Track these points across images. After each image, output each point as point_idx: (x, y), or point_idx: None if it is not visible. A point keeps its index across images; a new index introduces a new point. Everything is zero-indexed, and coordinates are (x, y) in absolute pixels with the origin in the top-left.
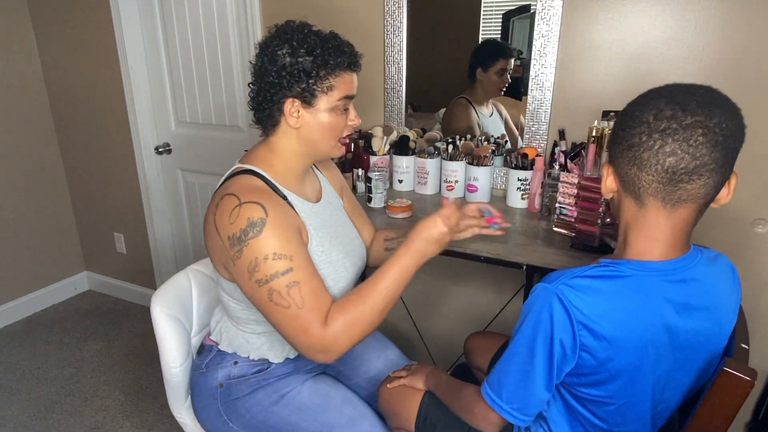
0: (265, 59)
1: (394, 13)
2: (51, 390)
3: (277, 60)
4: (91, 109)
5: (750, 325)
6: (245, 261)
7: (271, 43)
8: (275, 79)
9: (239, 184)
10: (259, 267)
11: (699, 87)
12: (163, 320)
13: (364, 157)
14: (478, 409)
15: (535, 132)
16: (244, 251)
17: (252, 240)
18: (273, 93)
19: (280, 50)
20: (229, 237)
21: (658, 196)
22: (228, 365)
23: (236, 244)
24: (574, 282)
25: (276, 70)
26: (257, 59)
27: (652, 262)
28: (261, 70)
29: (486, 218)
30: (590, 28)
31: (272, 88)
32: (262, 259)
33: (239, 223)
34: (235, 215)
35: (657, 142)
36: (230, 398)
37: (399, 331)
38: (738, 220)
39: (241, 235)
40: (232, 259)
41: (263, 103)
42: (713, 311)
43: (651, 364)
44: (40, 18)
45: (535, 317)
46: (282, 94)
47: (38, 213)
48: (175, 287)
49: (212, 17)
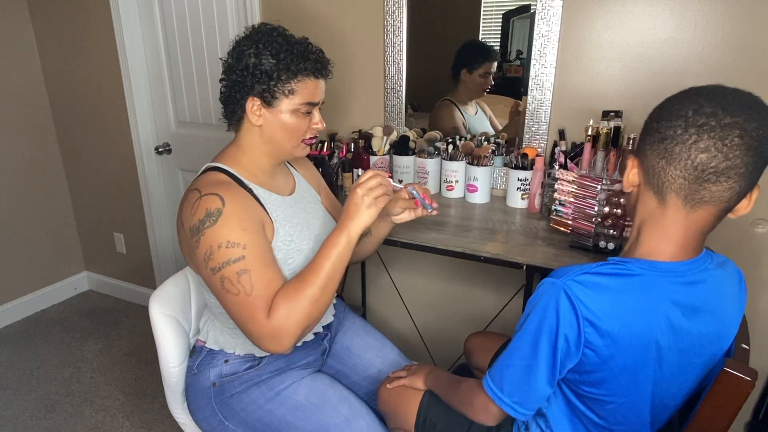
0: (233, 57)
1: (394, 13)
2: (51, 390)
3: (243, 59)
4: (91, 109)
5: (750, 325)
6: (202, 250)
7: (241, 42)
8: (239, 77)
9: (204, 180)
10: (213, 255)
11: (741, 91)
12: (162, 321)
13: (364, 157)
14: (477, 400)
15: (535, 132)
16: (201, 240)
17: (208, 229)
18: (236, 90)
19: (247, 50)
20: (189, 228)
21: (680, 194)
22: (219, 364)
23: (195, 234)
24: (582, 278)
25: (240, 68)
26: (228, 56)
27: (661, 263)
28: (228, 67)
29: (415, 200)
30: (590, 28)
31: (236, 85)
32: (216, 247)
33: (198, 213)
34: (195, 207)
35: (692, 136)
36: (224, 396)
37: (399, 331)
38: (738, 220)
39: (199, 225)
40: (192, 249)
41: (229, 99)
42: (719, 315)
43: (653, 364)
44: (40, 18)
45: (541, 311)
46: (244, 92)
47: (38, 213)
48: (173, 288)
49: (212, 17)
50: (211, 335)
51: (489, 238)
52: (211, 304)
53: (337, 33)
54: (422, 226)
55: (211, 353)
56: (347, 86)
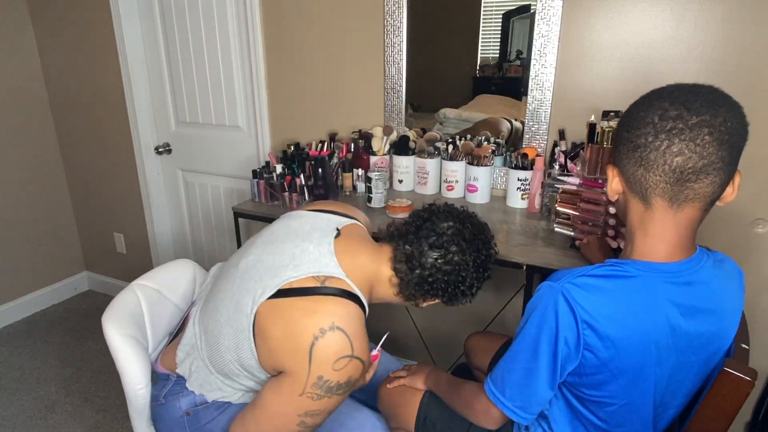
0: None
1: (394, 13)
2: (51, 390)
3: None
4: (91, 109)
5: (750, 325)
6: (314, 404)
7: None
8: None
9: (352, 325)
10: (311, 411)
11: (701, 86)
12: (120, 342)
13: (364, 157)
14: (478, 404)
15: (535, 132)
16: (324, 400)
17: (336, 396)
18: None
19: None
20: (320, 377)
21: (665, 197)
22: (190, 393)
23: (323, 390)
24: (580, 281)
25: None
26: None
27: (658, 264)
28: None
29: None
30: (590, 28)
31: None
32: (324, 411)
33: (341, 376)
34: (342, 365)
35: (663, 142)
36: (200, 424)
37: (399, 331)
38: (738, 220)
39: (335, 387)
40: (305, 391)
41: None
42: (719, 314)
43: (653, 365)
44: (40, 18)
45: (540, 315)
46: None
47: (38, 213)
48: (125, 305)
49: (212, 17)
50: (196, 378)
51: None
52: (230, 370)
53: (337, 33)
54: None
55: (179, 382)
56: (347, 86)
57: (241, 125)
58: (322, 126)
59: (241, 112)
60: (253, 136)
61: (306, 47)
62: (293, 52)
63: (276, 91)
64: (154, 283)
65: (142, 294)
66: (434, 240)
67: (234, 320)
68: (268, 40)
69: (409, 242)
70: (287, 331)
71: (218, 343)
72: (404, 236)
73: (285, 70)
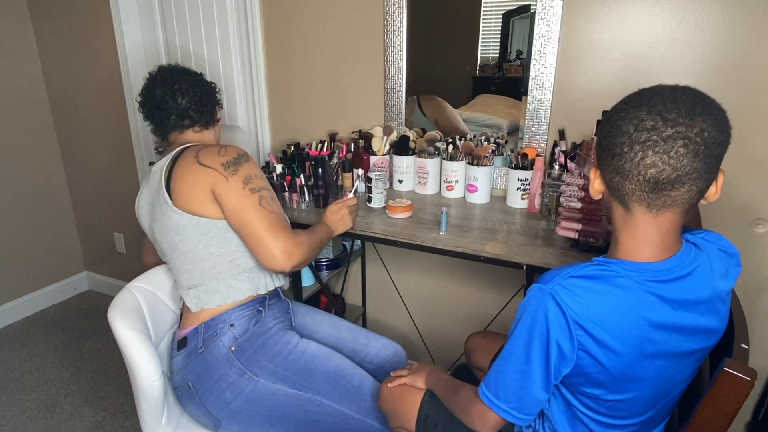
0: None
1: (394, 13)
2: (51, 390)
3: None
4: (91, 109)
5: (750, 325)
6: (241, 176)
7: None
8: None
9: (205, 145)
10: (252, 180)
11: (681, 92)
12: (130, 334)
13: (364, 157)
14: (474, 410)
15: (535, 132)
16: (240, 170)
17: (244, 163)
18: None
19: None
20: (222, 163)
21: (642, 203)
22: (226, 330)
23: (231, 166)
24: (569, 282)
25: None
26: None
27: (644, 263)
28: None
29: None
30: (590, 28)
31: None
32: (253, 175)
33: (230, 154)
34: (223, 152)
35: (638, 154)
36: (248, 354)
37: (399, 331)
38: (738, 220)
39: (234, 160)
40: (225, 176)
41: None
42: (713, 301)
43: (649, 360)
44: (40, 18)
45: (530, 318)
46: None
47: (38, 213)
48: (127, 303)
49: (212, 18)
50: (209, 299)
51: (489, 238)
52: (209, 266)
53: (338, 33)
54: (422, 226)
55: (208, 326)
56: (347, 86)
57: (241, 125)
58: (322, 126)
59: (241, 112)
60: (253, 136)
61: (306, 47)
62: (293, 52)
63: (276, 91)
64: (149, 285)
65: (140, 295)
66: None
67: (164, 224)
68: (268, 40)
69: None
70: (186, 172)
71: (178, 250)
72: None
73: (285, 70)
